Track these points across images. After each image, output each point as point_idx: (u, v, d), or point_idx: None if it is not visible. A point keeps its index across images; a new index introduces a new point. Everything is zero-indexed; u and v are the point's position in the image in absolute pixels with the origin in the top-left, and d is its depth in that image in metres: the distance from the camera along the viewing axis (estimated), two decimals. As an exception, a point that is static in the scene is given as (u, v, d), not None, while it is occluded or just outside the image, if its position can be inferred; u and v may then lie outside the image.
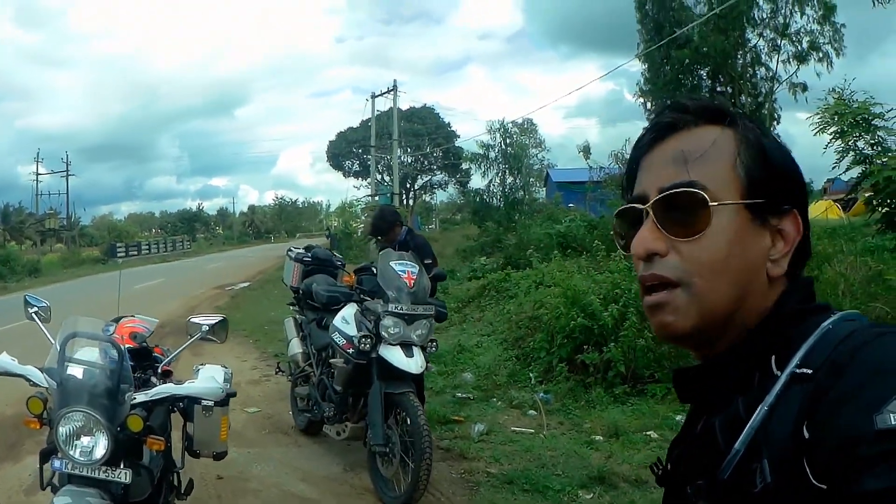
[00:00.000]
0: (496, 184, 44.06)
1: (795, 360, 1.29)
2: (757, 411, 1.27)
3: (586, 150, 48.36)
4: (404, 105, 57.97)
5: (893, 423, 1.05)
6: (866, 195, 9.98)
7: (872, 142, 9.51)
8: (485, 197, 44.21)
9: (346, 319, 8.34)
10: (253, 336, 18.94)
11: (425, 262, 8.83)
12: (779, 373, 1.30)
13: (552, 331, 12.96)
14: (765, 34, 47.00)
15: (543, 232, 26.83)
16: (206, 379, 5.37)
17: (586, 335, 12.24)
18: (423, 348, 7.94)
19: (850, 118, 9.52)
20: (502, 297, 19.41)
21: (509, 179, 43.51)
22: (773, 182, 1.45)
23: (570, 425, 10.46)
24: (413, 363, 7.66)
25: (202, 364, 6.06)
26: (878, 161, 9.41)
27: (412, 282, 7.95)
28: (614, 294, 12.85)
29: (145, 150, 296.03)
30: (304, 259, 10.37)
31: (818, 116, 9.78)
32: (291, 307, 10.75)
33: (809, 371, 1.25)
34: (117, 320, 6.21)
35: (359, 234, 44.36)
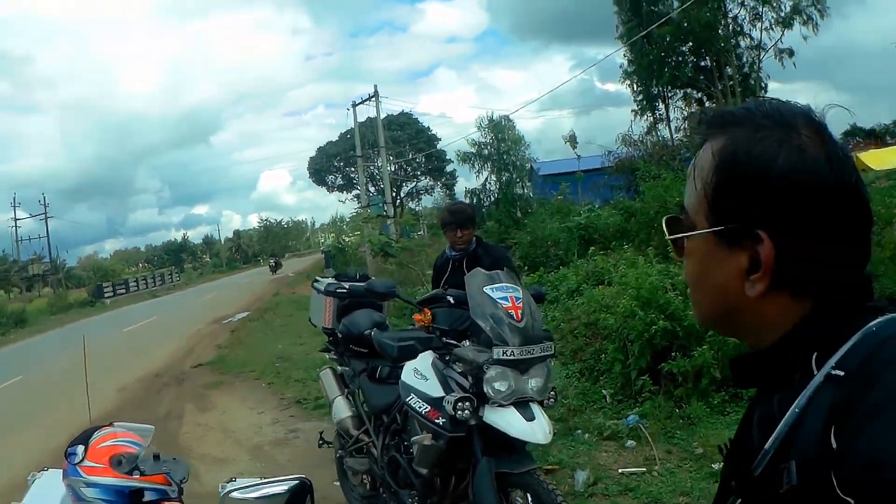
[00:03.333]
0: (492, 181, 44.31)
1: (833, 360, 1.28)
2: (789, 412, 1.28)
3: (573, 140, 49.49)
4: (382, 114, 57.85)
5: None
6: None
7: None
8: (481, 196, 44.17)
9: (421, 374, 6.04)
10: (265, 377, 16.70)
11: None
12: (817, 372, 1.30)
13: (623, 338, 11.16)
14: (746, 3, 48.88)
15: (561, 226, 25.61)
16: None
17: (669, 339, 10.61)
18: (541, 402, 5.70)
19: None
20: (539, 303, 17.30)
21: (504, 176, 43.73)
22: (739, 203, 1.43)
23: (681, 453, 8.74)
24: (538, 428, 5.43)
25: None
26: None
27: (519, 312, 5.69)
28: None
29: (124, 186, 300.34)
30: (339, 292, 7.95)
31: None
32: (327, 355, 8.48)
33: (842, 373, 1.25)
34: (89, 436, 3.80)
35: (351, 248, 43.46)
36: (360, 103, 56.39)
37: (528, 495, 5.42)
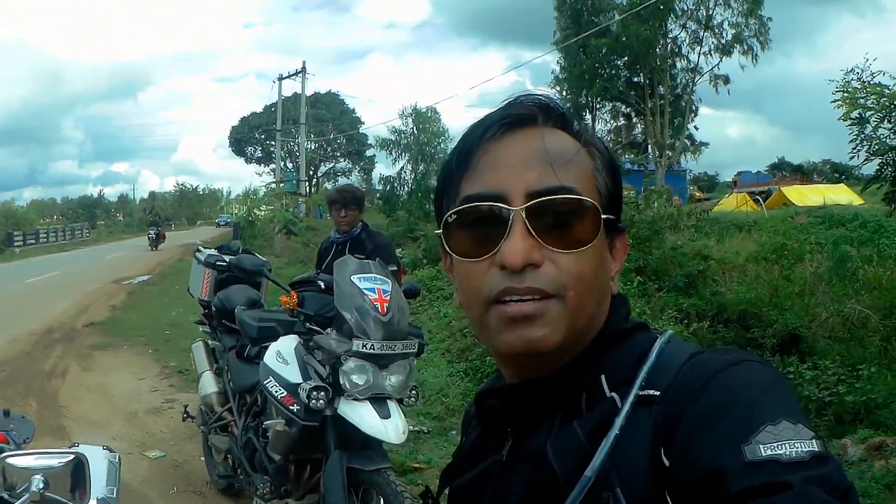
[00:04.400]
0: (407, 171, 44.29)
1: (639, 381, 1.28)
2: (608, 436, 1.22)
3: None
4: (309, 90, 57.49)
5: (763, 454, 1.04)
6: (888, 189, 8.36)
7: None
8: (395, 185, 44.08)
9: (283, 357, 5.82)
10: (152, 344, 16.44)
11: (391, 269, 6.25)
12: (613, 394, 1.31)
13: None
14: (688, 26, 49.13)
15: None
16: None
17: None
18: (400, 401, 5.55)
19: (881, 103, 7.90)
20: (436, 299, 17.82)
21: (421, 167, 43.78)
22: (619, 199, 1.46)
23: None
24: (391, 427, 5.25)
25: (74, 446, 3.66)
26: None
27: (385, 305, 5.43)
28: None
29: (48, 133, 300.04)
30: (219, 264, 7.80)
31: (840, 97, 8.11)
32: (201, 327, 8.30)
33: (657, 393, 1.25)
34: None
35: (261, 222, 43.17)
36: (286, 77, 56.01)
37: (380, 496, 5.28)
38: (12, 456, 2.74)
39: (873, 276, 13.60)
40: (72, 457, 2.94)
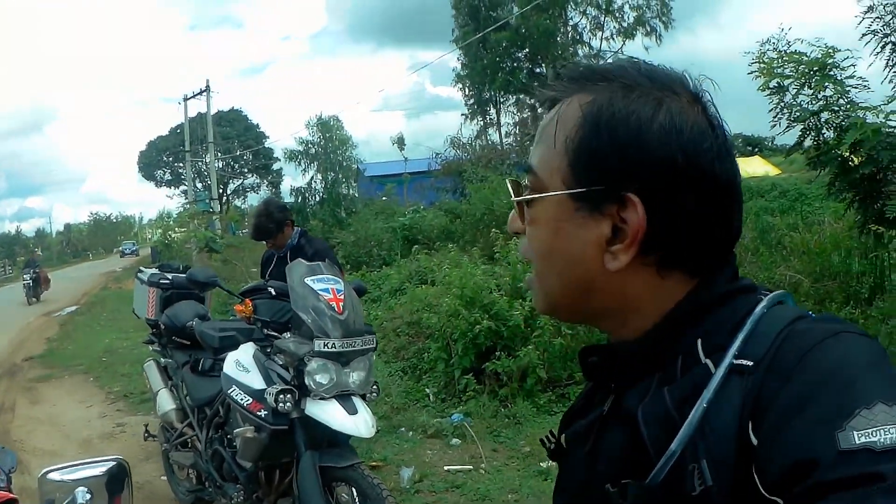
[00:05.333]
0: (318, 181, 44.25)
1: (733, 349, 1.21)
2: (696, 408, 1.17)
3: (400, 142, 50.94)
4: (213, 109, 56.95)
5: (857, 441, 0.98)
6: (811, 154, 8.52)
7: (829, 95, 8.04)
8: (306, 195, 44.05)
9: (243, 365, 5.89)
10: (93, 372, 16.37)
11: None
12: (707, 360, 1.24)
13: (447, 337, 11.25)
14: (588, 12, 48.77)
15: (385, 226, 26.20)
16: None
17: (493, 339, 10.70)
18: (363, 396, 5.67)
19: (800, 71, 8.05)
20: (366, 301, 17.46)
21: (330, 175, 43.80)
22: (608, 163, 1.30)
23: (508, 452, 8.84)
24: (361, 422, 5.37)
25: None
26: (847, 114, 8.03)
27: (341, 304, 5.61)
28: (518, 289, 11.40)
29: None
30: (162, 282, 7.88)
31: (756, 67, 8.26)
32: (150, 346, 8.29)
33: (750, 363, 1.18)
34: None
35: (177, 244, 42.90)
36: (191, 97, 54.84)
37: (353, 490, 5.37)
38: (53, 471, 2.82)
39: (800, 241, 13.79)
40: (113, 463, 3.02)
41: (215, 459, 6.61)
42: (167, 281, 7.82)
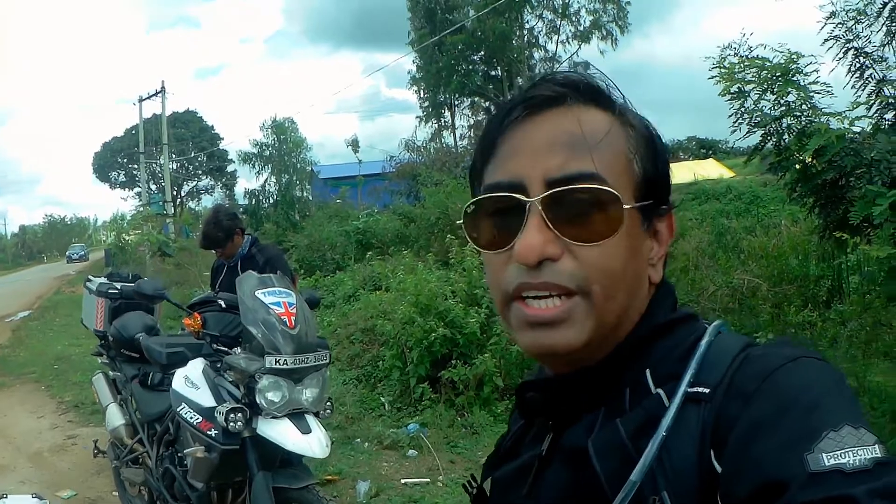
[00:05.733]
0: (272, 183, 44.47)
1: (687, 377, 1.22)
2: (654, 437, 1.17)
3: (354, 144, 50.64)
4: (168, 111, 56.86)
5: (826, 464, 0.99)
6: (772, 160, 8.52)
7: (791, 100, 8.03)
8: (260, 198, 44.18)
9: (192, 382, 5.67)
10: (44, 380, 16.06)
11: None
12: (659, 390, 1.26)
13: (402, 345, 11.15)
14: (544, 16, 49.20)
15: (339, 230, 26.27)
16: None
17: (449, 347, 10.63)
18: (316, 414, 5.46)
19: (762, 76, 8.05)
20: (319, 308, 17.41)
21: (284, 178, 44.08)
22: (661, 180, 1.39)
23: (465, 463, 8.81)
24: (315, 441, 5.16)
25: (3, 497, 3.63)
26: (810, 120, 8.04)
27: (292, 318, 5.35)
28: (473, 295, 11.46)
29: None
30: (111, 292, 7.50)
31: (716, 72, 8.26)
32: (99, 359, 8.10)
33: (706, 391, 1.20)
34: None
35: (131, 247, 42.69)
36: (146, 98, 54.93)
37: None
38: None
39: (758, 245, 13.83)
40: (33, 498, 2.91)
41: (166, 478, 6.38)
42: (115, 291, 7.45)
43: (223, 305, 6.08)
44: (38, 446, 10.91)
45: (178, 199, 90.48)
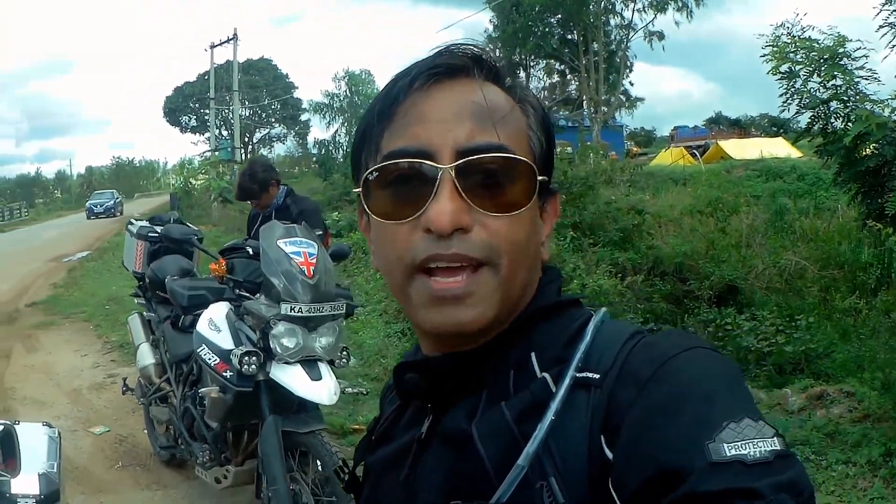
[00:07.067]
0: (342, 134, 44.08)
1: (574, 362, 1.20)
2: (542, 422, 1.14)
3: None
4: (241, 57, 56.78)
5: (727, 454, 0.97)
6: (819, 143, 8.38)
7: (838, 84, 7.88)
8: (330, 148, 43.86)
9: (215, 325, 5.74)
10: (93, 320, 16.27)
11: (317, 234, 6.13)
12: (544, 374, 1.22)
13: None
14: None
15: None
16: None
17: None
18: (332, 362, 5.53)
19: (810, 58, 7.91)
20: (341, 260, 17.53)
21: (354, 129, 44.16)
22: (551, 158, 1.39)
23: None
24: (323, 388, 5.23)
25: (16, 421, 3.71)
26: (855, 105, 7.87)
27: (311, 268, 5.40)
28: None
29: None
30: (150, 235, 7.70)
31: (769, 51, 8.11)
32: (136, 299, 8.24)
33: (596, 376, 1.17)
34: None
35: (198, 192, 42.77)
36: (218, 45, 54.88)
37: (315, 458, 5.31)
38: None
39: (810, 227, 13.65)
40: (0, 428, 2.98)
41: (186, 417, 6.56)
42: (155, 234, 7.62)
43: (251, 252, 6.18)
44: (78, 383, 11.12)
45: (250, 146, 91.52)
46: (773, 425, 1.03)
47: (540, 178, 1.28)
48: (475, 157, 1.22)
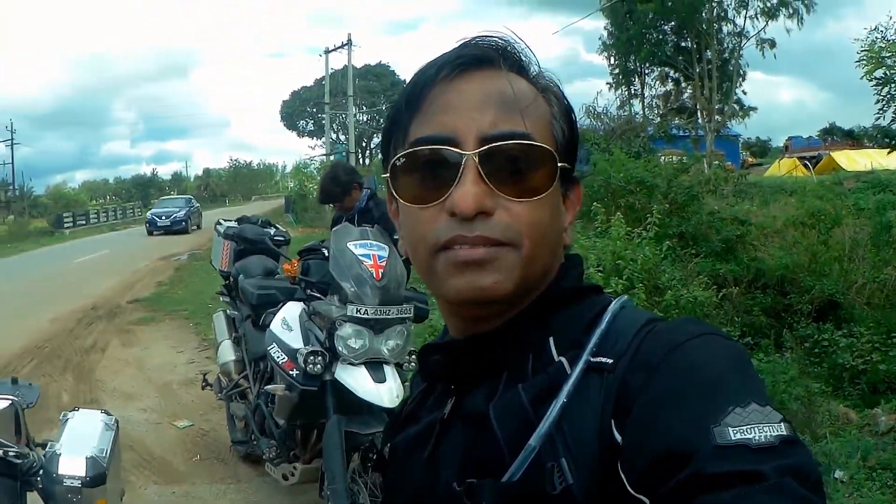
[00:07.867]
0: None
1: (589, 346, 1.23)
2: (554, 404, 1.18)
3: None
4: (359, 63, 57.25)
5: (732, 438, 0.98)
6: None
7: None
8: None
9: (287, 324, 5.89)
10: (194, 318, 16.55)
11: (393, 237, 5.92)
12: (561, 358, 1.25)
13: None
14: None
15: None
16: (72, 441, 3.40)
17: None
18: (400, 365, 5.57)
19: None
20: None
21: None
22: (575, 147, 1.42)
23: None
24: (385, 391, 5.28)
25: (74, 410, 3.81)
26: None
27: (380, 271, 5.45)
28: (616, 265, 11.07)
29: (98, 116, 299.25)
30: (237, 235, 7.78)
31: (864, 56, 7.95)
32: (221, 298, 8.43)
33: (609, 361, 1.19)
34: None
35: (313, 195, 43.17)
36: (332, 50, 55.63)
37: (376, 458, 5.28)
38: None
39: (913, 242, 13.35)
40: (7, 403, 3.06)
41: (258, 414, 6.70)
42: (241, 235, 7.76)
43: (327, 254, 6.16)
44: (170, 378, 11.36)
45: (368, 150, 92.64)
46: (781, 411, 1.04)
47: (560, 164, 1.31)
48: (498, 143, 1.26)
